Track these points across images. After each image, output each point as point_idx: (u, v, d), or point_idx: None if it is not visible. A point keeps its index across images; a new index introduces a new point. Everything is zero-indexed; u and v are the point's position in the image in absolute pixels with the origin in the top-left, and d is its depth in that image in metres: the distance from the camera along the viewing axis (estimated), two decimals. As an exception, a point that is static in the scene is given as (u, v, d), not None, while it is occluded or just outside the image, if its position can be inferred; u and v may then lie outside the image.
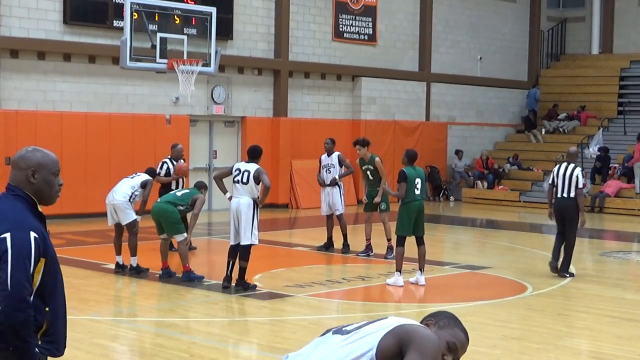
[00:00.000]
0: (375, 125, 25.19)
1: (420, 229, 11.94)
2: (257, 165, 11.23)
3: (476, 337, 9.06)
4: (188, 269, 11.87)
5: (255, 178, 11.09)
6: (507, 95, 29.64)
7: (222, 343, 8.97)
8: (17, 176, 3.86)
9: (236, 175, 11.20)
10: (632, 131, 26.00)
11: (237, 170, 11.25)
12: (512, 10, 29.92)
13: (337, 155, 15.16)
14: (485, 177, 26.53)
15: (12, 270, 3.63)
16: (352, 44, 25.02)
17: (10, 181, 3.89)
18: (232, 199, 11.25)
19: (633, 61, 29.78)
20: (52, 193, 3.88)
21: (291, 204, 23.35)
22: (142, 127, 20.38)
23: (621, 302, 11.24)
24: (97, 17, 19.57)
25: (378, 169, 14.07)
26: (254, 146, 11.64)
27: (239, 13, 22.26)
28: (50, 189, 3.87)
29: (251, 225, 11.08)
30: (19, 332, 3.62)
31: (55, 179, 3.88)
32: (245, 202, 11.09)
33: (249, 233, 11.10)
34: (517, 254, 15.66)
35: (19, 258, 3.65)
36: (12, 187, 3.87)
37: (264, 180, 11.06)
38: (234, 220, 11.17)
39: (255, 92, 22.94)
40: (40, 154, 3.88)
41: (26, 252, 3.67)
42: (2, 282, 3.62)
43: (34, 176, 3.83)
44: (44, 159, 3.86)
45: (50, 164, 3.86)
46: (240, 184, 11.15)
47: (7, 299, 3.61)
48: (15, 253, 3.65)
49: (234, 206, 11.15)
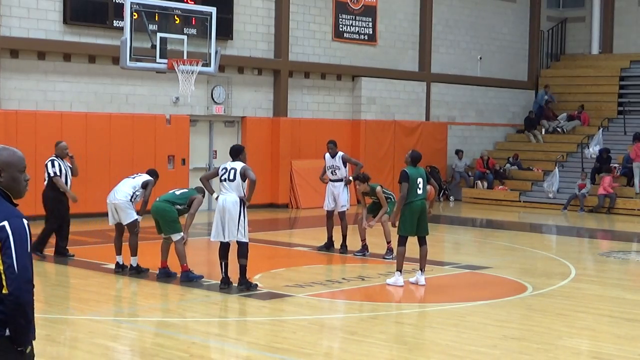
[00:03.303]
0: (375, 125, 25.19)
1: (422, 229, 11.93)
2: (243, 163, 11.30)
3: (476, 337, 9.07)
4: (186, 268, 11.87)
5: (242, 175, 11.16)
6: (507, 95, 29.64)
7: (222, 343, 8.96)
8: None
9: (223, 174, 11.28)
10: (632, 131, 26.00)
11: (224, 169, 11.32)
12: (512, 10, 29.93)
13: (341, 156, 15.15)
14: (486, 177, 26.53)
15: (17, 255, 3.93)
16: (352, 44, 25.02)
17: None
18: (219, 197, 11.29)
19: (633, 61, 29.79)
20: (19, 188, 4.15)
21: (291, 204, 23.35)
22: (142, 127, 20.38)
23: (621, 302, 11.24)
24: (97, 17, 19.57)
25: (380, 199, 14.12)
26: (235, 145, 11.78)
27: (239, 13, 22.26)
28: (18, 184, 4.14)
29: (237, 222, 11.10)
30: (27, 312, 3.94)
31: (22, 175, 4.16)
32: (232, 199, 11.14)
33: (234, 230, 11.11)
34: (517, 254, 15.66)
35: (20, 243, 3.95)
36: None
37: (250, 175, 11.13)
38: (220, 217, 11.21)
39: (255, 92, 22.94)
40: (6, 152, 4.15)
41: (25, 237, 3.98)
42: (10, 266, 3.92)
43: (1, 174, 4.10)
44: (10, 158, 4.14)
45: (16, 162, 4.14)
46: (227, 181, 11.22)
47: (16, 282, 3.91)
48: (17, 238, 3.94)
49: (220, 203, 11.23)
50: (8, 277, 3.91)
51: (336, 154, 15.14)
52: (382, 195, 14.08)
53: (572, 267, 13.94)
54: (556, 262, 14.63)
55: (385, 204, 14.03)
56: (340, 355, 8.28)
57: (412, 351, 8.56)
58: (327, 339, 8.98)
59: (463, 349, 8.54)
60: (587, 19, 31.97)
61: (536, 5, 30.45)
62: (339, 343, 8.87)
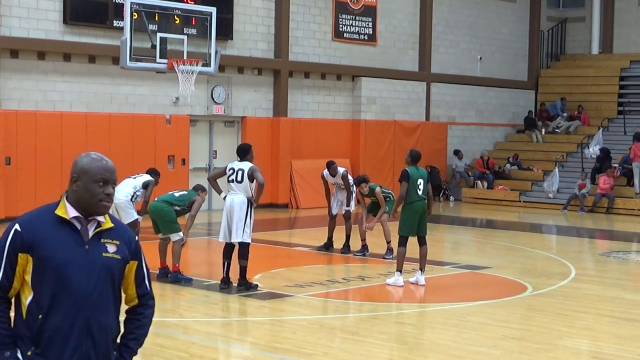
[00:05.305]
0: (375, 125, 25.19)
1: (422, 229, 11.93)
2: (251, 164, 11.28)
3: (476, 337, 9.07)
4: (177, 269, 11.86)
5: (250, 176, 11.14)
6: (507, 95, 29.64)
7: (222, 343, 8.97)
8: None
9: (230, 175, 11.27)
10: (632, 131, 26.00)
11: (231, 170, 11.30)
12: (512, 10, 29.92)
13: (341, 174, 15.04)
14: (486, 177, 26.53)
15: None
16: (352, 44, 25.02)
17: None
18: (227, 197, 11.29)
19: (633, 61, 29.78)
20: (91, 201, 3.67)
21: (291, 204, 23.35)
22: (142, 127, 20.38)
23: (621, 302, 11.24)
24: (97, 17, 19.56)
25: (379, 199, 14.12)
26: (243, 144, 11.77)
27: (239, 13, 22.25)
28: (90, 197, 3.67)
29: (244, 223, 11.10)
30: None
31: (98, 187, 3.69)
32: (239, 199, 11.13)
33: (240, 231, 11.12)
34: (517, 254, 15.66)
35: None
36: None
37: (258, 177, 11.11)
38: (227, 217, 11.21)
39: (255, 92, 22.94)
40: (87, 159, 3.73)
41: (2, 243, 3.60)
42: None
43: (76, 182, 3.70)
44: (87, 165, 3.70)
45: (93, 170, 3.69)
46: (235, 182, 11.20)
47: None
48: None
49: (228, 203, 11.22)
50: None
51: (337, 172, 15.03)
52: (381, 196, 14.09)
53: (572, 267, 13.94)
54: (556, 262, 14.64)
55: (384, 204, 14.04)
56: (340, 355, 8.28)
57: (412, 351, 8.57)
58: (327, 339, 8.98)
59: (463, 349, 8.54)
60: (587, 19, 31.97)
61: (536, 5, 30.44)
62: (339, 343, 8.87)
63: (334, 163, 15.13)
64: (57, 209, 3.66)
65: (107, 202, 3.70)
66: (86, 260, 3.63)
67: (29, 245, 3.58)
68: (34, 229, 3.60)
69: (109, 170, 3.72)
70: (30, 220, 3.64)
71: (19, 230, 3.58)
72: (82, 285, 3.61)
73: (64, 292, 3.59)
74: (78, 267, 3.61)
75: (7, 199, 18.21)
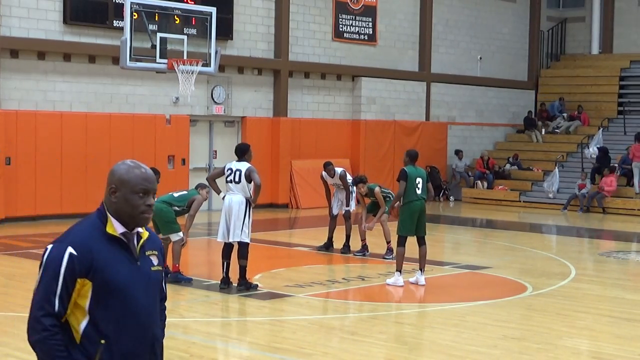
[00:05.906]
0: (375, 125, 25.19)
1: (421, 229, 11.93)
2: (249, 164, 11.29)
3: (476, 337, 9.07)
4: (177, 269, 11.86)
5: (247, 177, 11.16)
6: (507, 95, 29.64)
7: (222, 343, 8.97)
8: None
9: (229, 175, 11.31)
10: (632, 131, 26.00)
11: (229, 170, 11.33)
12: (512, 10, 29.92)
13: (339, 175, 15.05)
14: (486, 177, 26.53)
15: (37, 287, 3.40)
16: (352, 44, 25.02)
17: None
18: (225, 197, 11.30)
19: (633, 61, 29.78)
20: (132, 213, 3.49)
21: (291, 204, 23.35)
22: (142, 127, 20.37)
23: (621, 302, 11.24)
24: (97, 17, 19.56)
25: (378, 199, 14.13)
26: (241, 144, 11.77)
27: (239, 13, 22.26)
28: (130, 208, 3.49)
29: (242, 223, 11.13)
30: (39, 352, 3.39)
31: (138, 198, 3.50)
32: (238, 199, 11.15)
33: (239, 230, 11.14)
34: (517, 254, 15.66)
35: (46, 274, 3.39)
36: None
37: (255, 178, 11.13)
38: (226, 217, 11.23)
39: (255, 92, 22.94)
40: (124, 167, 3.53)
41: (54, 268, 3.37)
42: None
43: (115, 193, 3.50)
44: (125, 175, 3.50)
45: (132, 180, 3.50)
46: (233, 183, 11.24)
47: (29, 316, 3.41)
48: (45, 267, 3.40)
49: (227, 203, 11.25)
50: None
51: (334, 173, 15.04)
52: (381, 196, 14.09)
53: (572, 267, 13.94)
54: (556, 262, 14.63)
55: (383, 204, 14.04)
56: (340, 355, 8.28)
57: (412, 351, 8.56)
58: (327, 339, 8.98)
59: (463, 349, 8.54)
60: (587, 19, 31.97)
61: (536, 5, 30.45)
62: (339, 343, 8.86)
63: (330, 164, 15.15)
64: (107, 227, 3.50)
65: (148, 213, 3.52)
66: (141, 277, 3.55)
67: (88, 269, 3.40)
68: (91, 252, 3.42)
69: (148, 179, 3.52)
70: (83, 241, 3.43)
71: (74, 254, 3.38)
72: (144, 304, 3.55)
73: (130, 314, 3.50)
74: (138, 287, 3.53)
75: (7, 199, 18.22)
